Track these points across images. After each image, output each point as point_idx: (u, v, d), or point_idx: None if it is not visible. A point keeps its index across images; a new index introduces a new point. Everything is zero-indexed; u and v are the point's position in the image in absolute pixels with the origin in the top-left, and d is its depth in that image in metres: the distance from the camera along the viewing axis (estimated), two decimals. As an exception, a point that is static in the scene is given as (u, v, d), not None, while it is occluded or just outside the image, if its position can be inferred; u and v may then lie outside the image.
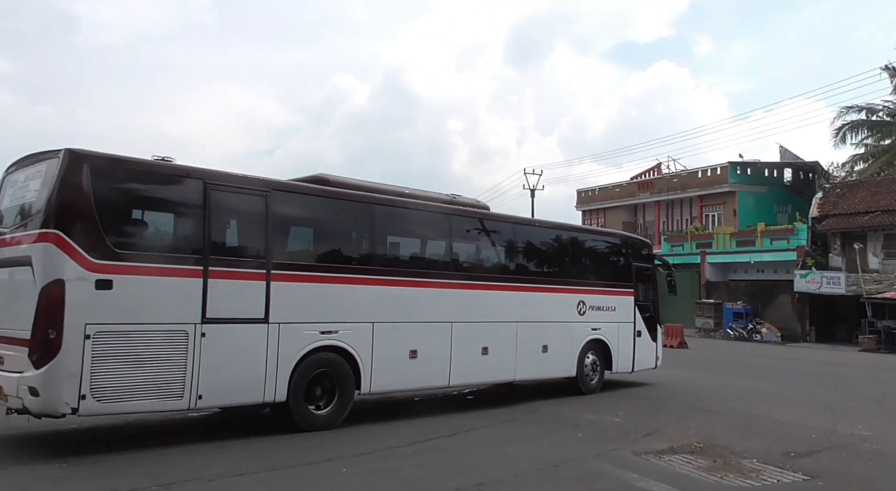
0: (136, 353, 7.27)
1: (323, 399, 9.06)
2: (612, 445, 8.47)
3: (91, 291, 7.01)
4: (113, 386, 7.14)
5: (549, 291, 12.31)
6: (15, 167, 8.17)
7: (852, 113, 41.65)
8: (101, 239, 7.15)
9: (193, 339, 7.66)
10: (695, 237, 38.34)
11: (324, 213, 9.47)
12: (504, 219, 12.21)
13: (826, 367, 20.92)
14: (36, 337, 6.90)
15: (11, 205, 7.93)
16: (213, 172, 8.24)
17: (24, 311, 6.99)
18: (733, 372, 17.96)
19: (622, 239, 15.13)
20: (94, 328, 7.00)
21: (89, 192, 7.15)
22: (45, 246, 6.96)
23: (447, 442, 8.68)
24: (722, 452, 8.15)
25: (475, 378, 11.39)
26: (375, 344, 9.43)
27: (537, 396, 12.44)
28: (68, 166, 7.12)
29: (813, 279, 31.45)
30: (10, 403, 7.27)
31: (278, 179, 9.16)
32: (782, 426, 10.12)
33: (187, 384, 7.61)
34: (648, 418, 10.53)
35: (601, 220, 47.10)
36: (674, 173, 43.95)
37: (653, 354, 14.54)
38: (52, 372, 6.84)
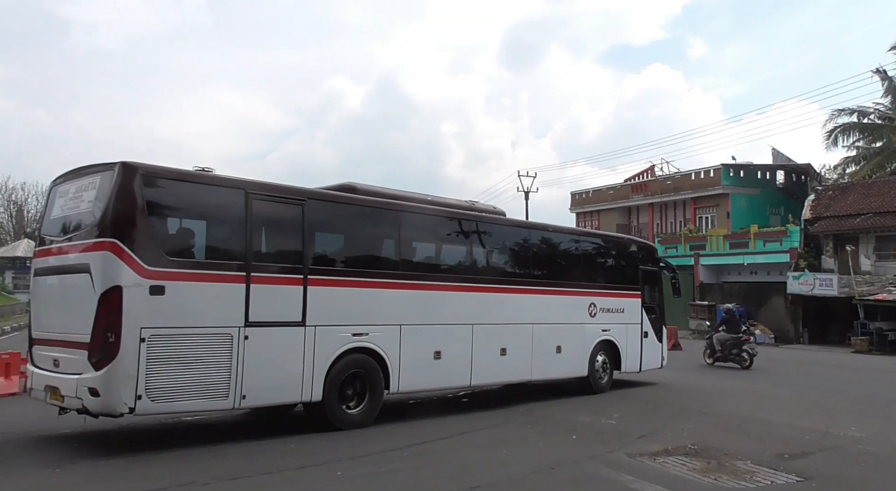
0: (185, 355, 7.65)
1: (354, 399, 9.40)
2: (607, 447, 8.48)
3: (145, 297, 7.39)
4: (165, 386, 7.50)
5: (563, 294, 12.77)
6: (63, 179, 8.58)
7: (844, 116, 41.84)
8: (153, 247, 7.55)
9: (237, 341, 8.02)
10: (688, 239, 38.44)
11: (355, 221, 9.85)
12: (521, 224, 12.76)
13: (819, 368, 21.00)
14: (96, 340, 7.28)
15: (63, 215, 8.34)
16: (254, 182, 8.67)
17: (82, 316, 7.38)
18: (727, 374, 18.00)
19: (629, 242, 15.61)
20: (148, 332, 7.37)
21: (143, 203, 7.56)
22: (104, 254, 7.36)
23: (442, 445, 8.67)
24: (716, 454, 8.17)
25: (494, 378, 11.76)
26: (403, 345, 9.82)
27: (533, 397, 12.44)
28: (123, 178, 7.50)
29: (806, 281, 31.58)
30: (68, 403, 7.65)
31: (314, 189, 9.58)
32: (776, 428, 10.16)
33: (232, 385, 7.97)
34: (643, 420, 10.55)
35: (595, 222, 47.16)
36: (667, 175, 44.03)
37: (658, 355, 15.10)
38: (111, 374, 7.21)
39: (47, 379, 7.97)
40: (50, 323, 8.24)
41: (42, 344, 8.32)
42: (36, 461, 7.34)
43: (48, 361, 8.06)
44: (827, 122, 42.45)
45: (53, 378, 7.87)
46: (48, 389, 7.94)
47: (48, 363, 8.06)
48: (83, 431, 8.99)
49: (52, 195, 8.82)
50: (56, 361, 7.88)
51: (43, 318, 8.46)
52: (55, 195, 8.68)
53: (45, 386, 8.00)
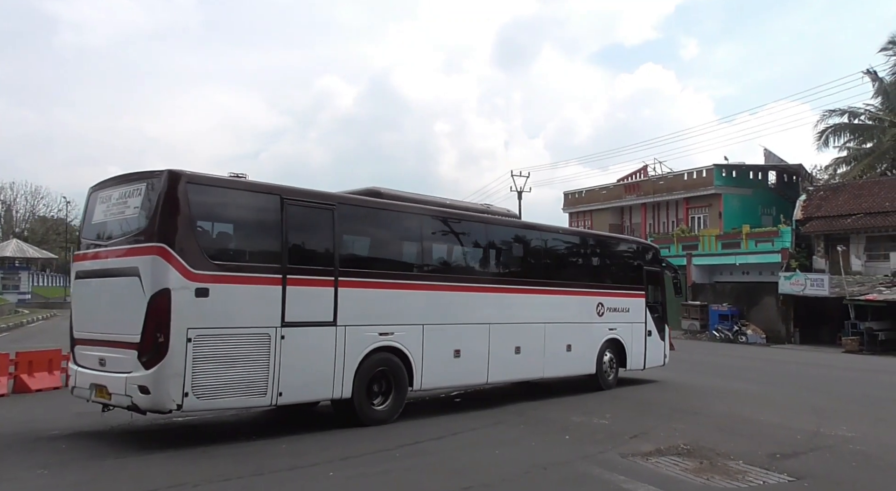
0: (227, 354, 8.07)
1: (379, 396, 9.82)
2: (599, 448, 8.49)
3: (191, 299, 7.81)
4: (210, 384, 7.91)
5: (573, 294, 13.29)
6: (104, 185, 8.97)
7: (835, 116, 42.13)
8: (198, 251, 7.98)
9: (275, 341, 8.44)
10: (681, 239, 38.56)
11: (381, 224, 10.34)
12: (534, 227, 13.15)
13: (810, 368, 21.10)
14: (146, 340, 7.69)
15: (105, 220, 8.76)
16: (289, 188, 9.08)
17: (131, 317, 7.80)
18: (719, 374, 18.07)
19: (633, 243, 16.32)
20: (194, 332, 7.79)
21: (188, 209, 8.01)
22: (153, 258, 7.77)
23: (435, 445, 8.67)
24: (708, 454, 8.19)
25: (509, 376, 12.31)
26: (425, 344, 10.27)
27: (526, 397, 12.45)
28: (169, 185, 7.93)
29: (797, 281, 31.73)
30: (115, 401, 8.09)
31: (343, 194, 10.03)
32: (767, 428, 10.19)
33: (270, 382, 8.38)
34: (635, 420, 10.57)
35: (588, 222, 47.24)
36: (660, 176, 44.18)
37: (661, 353, 15.68)
38: (161, 372, 7.63)
39: (93, 377, 8.35)
40: (95, 324, 8.58)
41: (86, 344, 8.68)
42: (23, 462, 7.28)
43: (93, 361, 8.43)
44: (818, 123, 42.79)
45: (100, 377, 8.25)
46: (94, 387, 8.33)
47: (93, 362, 8.43)
48: (73, 432, 8.95)
49: (91, 201, 9.17)
50: (102, 361, 8.27)
51: (87, 319, 8.81)
52: (95, 201, 9.03)
53: (90, 384, 8.37)
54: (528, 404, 11.88)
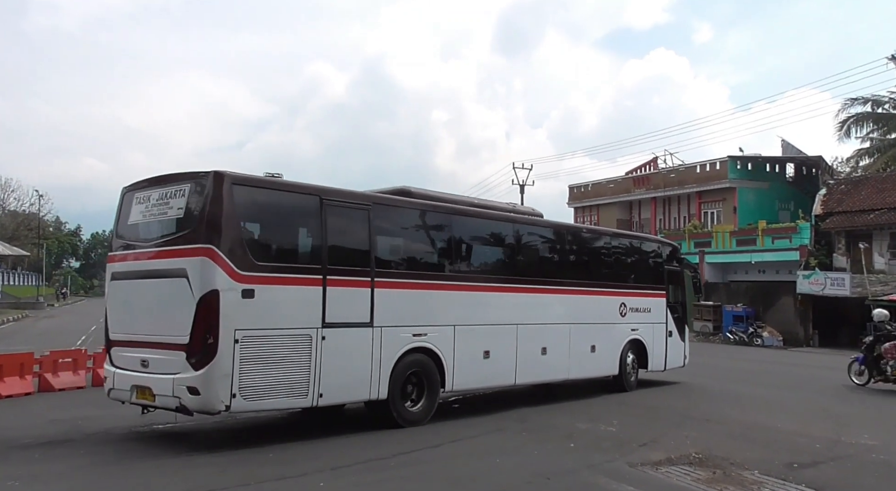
0: (272, 355, 8.51)
1: (412, 397, 10.30)
2: (606, 456, 8.51)
3: (238, 300, 8.23)
4: (256, 385, 8.35)
5: (597, 294, 13.86)
6: (141, 186, 9.37)
7: (857, 105, 42.05)
8: (244, 252, 8.41)
9: (316, 342, 8.91)
10: (693, 236, 38.55)
11: (414, 224, 10.91)
12: (560, 226, 13.97)
13: (830, 373, 21.10)
14: (195, 342, 8.10)
15: (144, 221, 9.18)
16: (327, 189, 9.58)
17: (178, 318, 8.20)
18: (733, 378, 18.11)
19: (655, 242, 17.12)
20: (241, 333, 8.21)
21: (234, 210, 8.44)
22: (202, 260, 8.16)
23: (432, 453, 8.68)
24: (721, 463, 8.21)
25: (536, 377, 12.74)
26: (456, 345, 10.78)
27: (528, 403, 12.47)
28: (216, 187, 8.35)
29: (816, 280, 31.77)
30: (161, 402, 8.46)
31: (377, 194, 10.54)
32: (784, 436, 10.22)
33: (312, 383, 8.85)
34: (644, 427, 10.60)
35: (594, 217, 47.27)
36: (671, 168, 44.19)
37: (681, 353, 16.32)
38: (210, 373, 8.04)
39: (134, 379, 8.74)
40: (136, 325, 8.96)
41: (125, 345, 9.05)
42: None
43: (134, 362, 8.81)
44: (839, 112, 42.75)
45: (143, 378, 8.64)
46: (135, 388, 8.71)
47: (134, 364, 8.81)
48: (47, 440, 8.95)
49: (125, 201, 9.56)
50: (145, 362, 8.66)
51: (126, 320, 9.18)
52: (131, 201, 9.42)
53: (131, 386, 8.76)
54: (530, 410, 11.90)
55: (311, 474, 7.36)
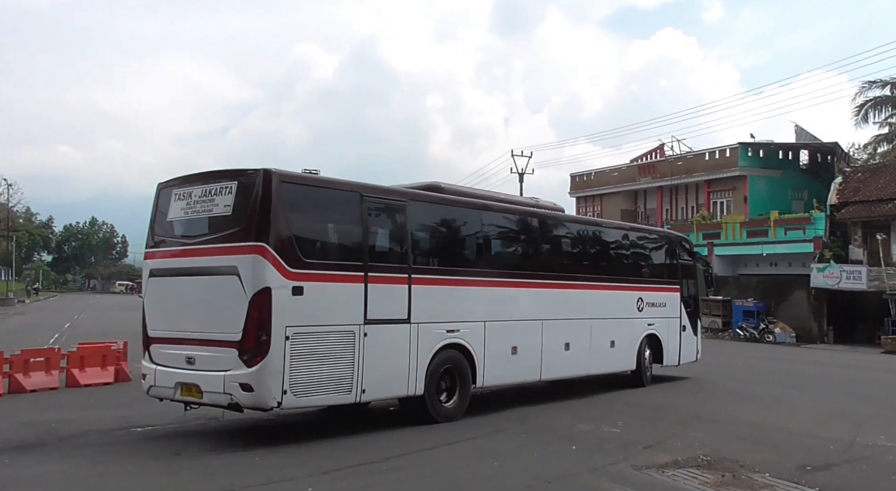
0: (319, 351, 9.02)
1: (444, 393, 10.81)
2: (609, 459, 8.56)
3: (289, 297, 8.73)
4: (305, 381, 8.85)
5: (616, 289, 14.55)
6: (180, 182, 9.82)
7: (876, 88, 42.15)
8: (294, 250, 8.89)
9: (359, 338, 9.43)
10: (701, 227, 38.67)
11: (448, 220, 11.47)
12: (581, 221, 15.00)
13: (845, 371, 21.27)
14: (248, 338, 8.57)
15: (186, 217, 9.62)
16: (366, 186, 10.18)
17: (228, 315, 8.69)
18: (743, 377, 18.19)
19: (668, 236, 17.79)
20: (291, 330, 8.71)
21: (284, 208, 8.93)
22: (254, 258, 8.64)
23: (427, 456, 8.73)
24: (730, 466, 8.26)
25: (560, 373, 13.31)
26: (487, 341, 11.34)
27: (527, 402, 12.51)
28: (266, 185, 8.82)
29: (831, 273, 31.86)
30: (209, 399, 8.91)
31: (412, 190, 11.14)
32: (796, 437, 10.30)
33: (355, 380, 9.37)
34: (649, 428, 10.66)
35: (597, 207, 47.36)
36: (678, 155, 44.27)
37: (694, 348, 17.12)
38: (263, 370, 8.52)
39: (179, 376, 9.17)
40: (180, 322, 9.41)
41: (168, 343, 9.49)
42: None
43: (178, 359, 9.22)
44: (856, 96, 42.84)
45: (189, 375, 9.07)
46: (179, 385, 9.15)
47: (179, 361, 9.21)
48: (17, 445, 8.94)
49: (162, 197, 10.02)
50: (190, 359, 9.09)
51: (168, 317, 9.61)
52: (170, 197, 9.82)
53: (175, 383, 9.19)
54: (529, 410, 11.95)
55: (299, 479, 7.39)
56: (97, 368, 14.68)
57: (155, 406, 12.08)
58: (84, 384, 14.19)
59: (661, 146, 47.75)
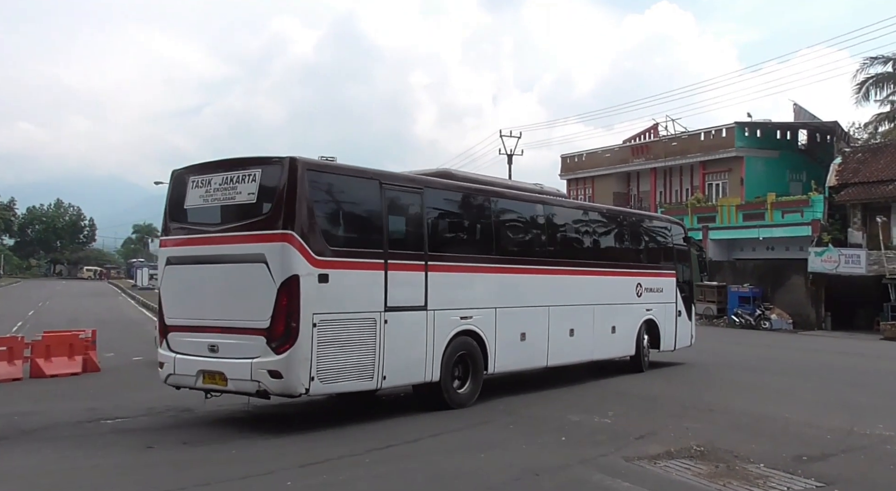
0: (343, 338, 9.50)
1: (458, 380, 11.34)
2: (600, 450, 8.63)
3: (315, 285, 9.16)
4: (330, 368, 9.30)
5: (617, 275, 15.24)
6: (198, 170, 10.25)
7: (877, 65, 42.32)
8: (319, 237, 9.38)
9: (380, 325, 9.91)
10: (696, 210, 38.84)
11: (461, 207, 12.07)
12: (584, 207, 15.96)
13: (843, 358, 21.50)
14: (276, 326, 9.00)
15: (205, 205, 9.99)
16: (384, 173, 10.86)
17: (255, 303, 9.09)
18: (738, 365, 18.37)
19: (665, 221, 18.66)
20: (318, 317, 9.15)
21: (309, 196, 9.37)
22: (282, 245, 9.07)
23: (411, 448, 8.77)
24: (725, 457, 8.35)
25: (565, 358, 13.89)
26: (498, 328, 11.89)
27: (515, 392, 12.58)
28: (292, 172, 9.22)
29: (829, 258, 32.11)
30: (235, 386, 9.31)
31: (427, 177, 11.78)
32: (793, 426, 10.42)
33: (377, 366, 9.85)
34: (641, 419, 10.76)
35: (588, 190, 47.43)
36: (673, 136, 44.33)
37: (689, 333, 17.93)
38: (292, 357, 8.95)
39: (201, 364, 9.55)
40: (202, 310, 9.78)
41: (189, 331, 9.88)
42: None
43: (200, 347, 9.61)
44: (858, 73, 43.00)
45: (212, 363, 9.45)
46: (202, 373, 9.54)
47: (201, 349, 9.59)
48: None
49: (177, 183, 10.42)
50: (213, 347, 9.47)
51: (189, 305, 9.99)
52: (186, 184, 10.20)
53: (197, 371, 9.57)
54: (518, 400, 12.03)
55: (278, 472, 7.41)
56: (64, 357, 14.61)
57: (125, 398, 12.08)
58: (50, 375, 14.13)
59: (654, 126, 47.80)
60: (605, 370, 15.11)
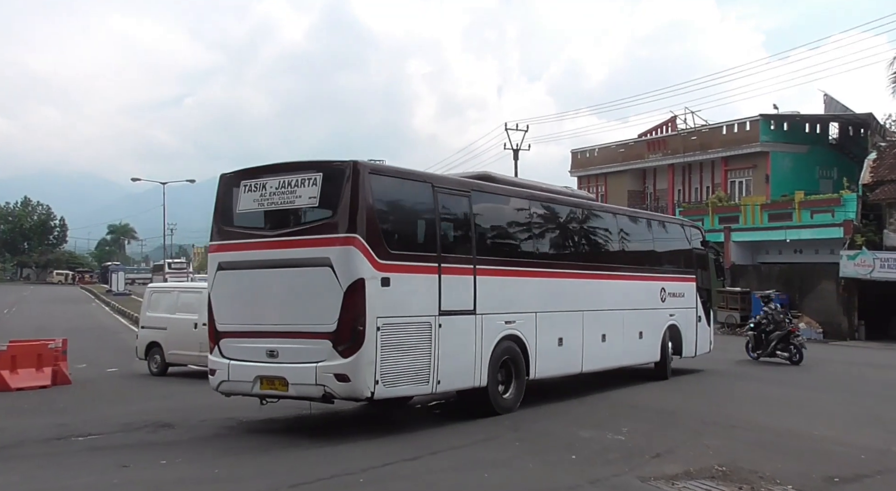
0: (403, 342, 10.17)
1: (502, 385, 11.95)
2: (613, 470, 8.63)
3: (378, 288, 9.83)
4: (392, 372, 9.98)
5: (644, 279, 16.17)
6: (251, 174, 10.93)
7: (915, 53, 42.22)
8: (382, 241, 10.02)
9: (434, 329, 10.58)
10: (717, 210, 38.82)
11: (504, 210, 12.82)
12: (616, 210, 16.82)
13: (878, 371, 21.44)
14: (343, 329, 9.64)
15: (261, 209, 10.68)
16: (436, 176, 11.82)
17: (320, 307, 9.77)
18: (762, 377, 18.29)
19: (683, 224, 19.61)
20: (381, 321, 9.82)
21: (373, 199, 10.06)
22: (349, 249, 9.72)
23: (408, 467, 8.75)
24: (749, 477, 8.34)
25: (598, 364, 14.58)
26: (538, 333, 12.62)
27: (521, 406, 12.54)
28: (355, 177, 9.92)
29: (863, 261, 32.03)
30: (297, 391, 9.94)
31: (474, 181, 12.49)
32: (822, 444, 10.42)
33: (432, 370, 10.53)
34: (657, 435, 10.75)
35: (601, 187, 47.44)
36: (692, 129, 44.33)
37: (708, 339, 18.79)
38: (359, 360, 9.59)
39: (259, 370, 10.13)
40: (259, 315, 10.39)
41: (244, 336, 10.46)
42: None
43: (258, 353, 10.19)
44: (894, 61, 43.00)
45: (272, 368, 10.06)
46: (260, 379, 10.12)
47: (258, 355, 10.18)
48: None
49: (228, 188, 11.09)
50: (272, 352, 10.08)
51: (244, 310, 10.55)
52: (238, 189, 10.88)
53: (255, 377, 10.14)
54: (524, 413, 12.02)
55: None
56: (31, 369, 14.64)
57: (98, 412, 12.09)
58: (16, 388, 14.16)
59: (672, 119, 47.83)
60: (618, 380, 15.21)
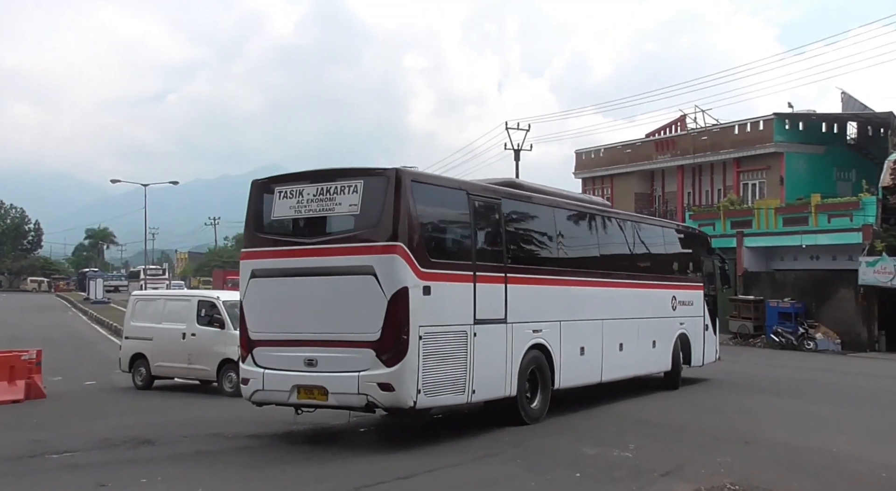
0: (442, 351, 10.58)
1: (529, 394, 12.35)
2: (619, 488, 8.66)
3: (420, 297, 10.21)
4: (433, 381, 10.39)
5: (657, 287, 16.86)
6: (286, 180, 11.36)
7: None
8: (423, 250, 10.45)
9: (470, 338, 11.00)
10: (729, 213, 38.82)
11: (532, 219, 13.34)
12: (632, 218, 17.77)
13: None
14: (387, 338, 10.02)
15: (299, 216, 11.00)
16: (469, 183, 12.29)
17: (363, 315, 10.14)
18: (777, 390, 18.32)
19: (691, 232, 20.52)
20: (423, 330, 10.23)
21: (415, 208, 10.47)
22: (393, 258, 10.11)
23: (402, 486, 8.75)
24: (763, 496, 8.35)
25: (616, 374, 15.08)
26: (563, 342, 13.11)
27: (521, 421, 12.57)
28: (398, 184, 10.31)
29: (883, 268, 32.03)
30: (338, 400, 10.32)
31: (503, 188, 13.00)
32: (840, 461, 10.43)
33: (468, 380, 10.92)
34: (666, 451, 10.76)
35: (607, 190, 47.44)
36: (702, 129, 44.37)
37: (714, 347, 19.48)
38: (403, 369, 9.96)
39: (297, 379, 10.49)
40: (298, 324, 10.68)
41: (280, 345, 10.79)
42: None
43: (296, 362, 10.53)
44: (915, 58, 42.92)
45: (311, 377, 10.41)
46: (298, 388, 10.47)
47: (296, 364, 10.53)
48: None
49: (260, 194, 11.44)
50: (311, 361, 10.44)
51: (280, 319, 10.84)
52: (272, 195, 11.18)
53: (292, 386, 10.48)
54: (525, 430, 12.01)
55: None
56: (3, 382, 14.64)
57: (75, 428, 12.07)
58: (-13, 402, 14.10)
59: (682, 118, 47.88)
60: (626, 391, 15.37)
